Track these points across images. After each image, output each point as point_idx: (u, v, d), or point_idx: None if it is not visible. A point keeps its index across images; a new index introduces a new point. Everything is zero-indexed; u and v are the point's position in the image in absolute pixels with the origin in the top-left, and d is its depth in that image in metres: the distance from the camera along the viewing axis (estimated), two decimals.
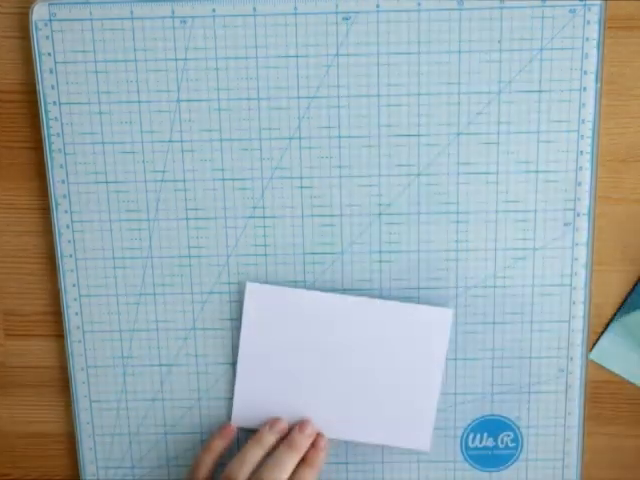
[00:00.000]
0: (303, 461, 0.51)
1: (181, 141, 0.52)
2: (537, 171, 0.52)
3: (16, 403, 0.58)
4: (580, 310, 0.54)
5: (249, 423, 0.55)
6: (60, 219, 0.53)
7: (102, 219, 0.53)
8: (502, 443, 0.56)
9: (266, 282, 0.54)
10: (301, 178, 0.52)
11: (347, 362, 0.54)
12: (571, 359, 0.55)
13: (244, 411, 0.55)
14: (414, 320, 0.53)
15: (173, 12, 0.50)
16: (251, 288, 0.54)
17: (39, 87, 0.51)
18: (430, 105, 0.51)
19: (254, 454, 0.51)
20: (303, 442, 0.52)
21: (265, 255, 0.54)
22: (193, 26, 0.50)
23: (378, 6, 0.50)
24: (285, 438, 0.52)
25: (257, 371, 0.54)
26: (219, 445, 0.54)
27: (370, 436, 0.55)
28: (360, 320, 0.53)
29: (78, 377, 0.56)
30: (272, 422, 0.53)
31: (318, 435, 0.53)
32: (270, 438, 0.52)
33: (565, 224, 0.53)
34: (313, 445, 0.52)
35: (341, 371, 0.54)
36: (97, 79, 0.51)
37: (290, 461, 0.51)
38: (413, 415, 0.54)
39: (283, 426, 0.53)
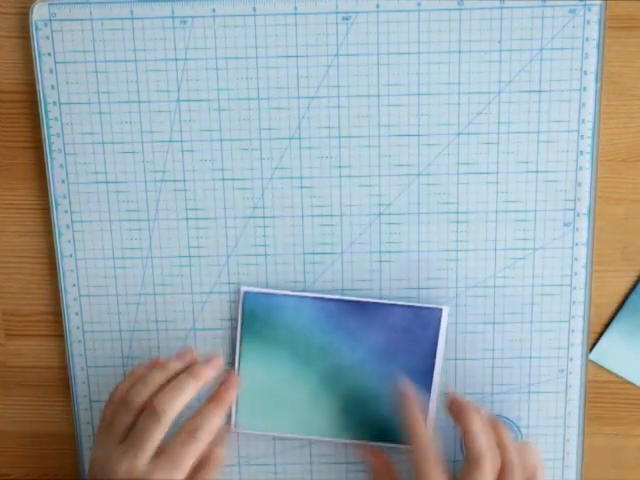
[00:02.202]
0: (212, 398, 0.50)
1: (181, 141, 0.52)
2: (537, 171, 0.52)
3: (16, 403, 0.58)
4: (580, 310, 0.54)
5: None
6: (60, 219, 0.53)
7: (102, 219, 0.53)
8: None
9: (266, 282, 0.54)
10: (301, 178, 0.52)
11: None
12: (571, 359, 0.55)
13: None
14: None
15: (173, 12, 0.50)
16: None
17: (39, 87, 0.51)
18: (430, 105, 0.51)
19: (156, 378, 0.49)
20: (206, 372, 0.49)
21: (265, 255, 0.54)
22: (193, 26, 0.50)
23: (378, 6, 0.50)
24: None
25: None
26: (176, 367, 0.50)
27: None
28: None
29: (78, 377, 0.56)
30: (180, 352, 0.51)
31: (229, 372, 0.51)
32: (175, 365, 0.50)
33: (565, 224, 0.53)
34: (223, 382, 0.51)
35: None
36: (97, 79, 0.51)
37: (188, 388, 0.48)
38: None
39: (191, 356, 0.51)
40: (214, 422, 0.48)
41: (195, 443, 0.47)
